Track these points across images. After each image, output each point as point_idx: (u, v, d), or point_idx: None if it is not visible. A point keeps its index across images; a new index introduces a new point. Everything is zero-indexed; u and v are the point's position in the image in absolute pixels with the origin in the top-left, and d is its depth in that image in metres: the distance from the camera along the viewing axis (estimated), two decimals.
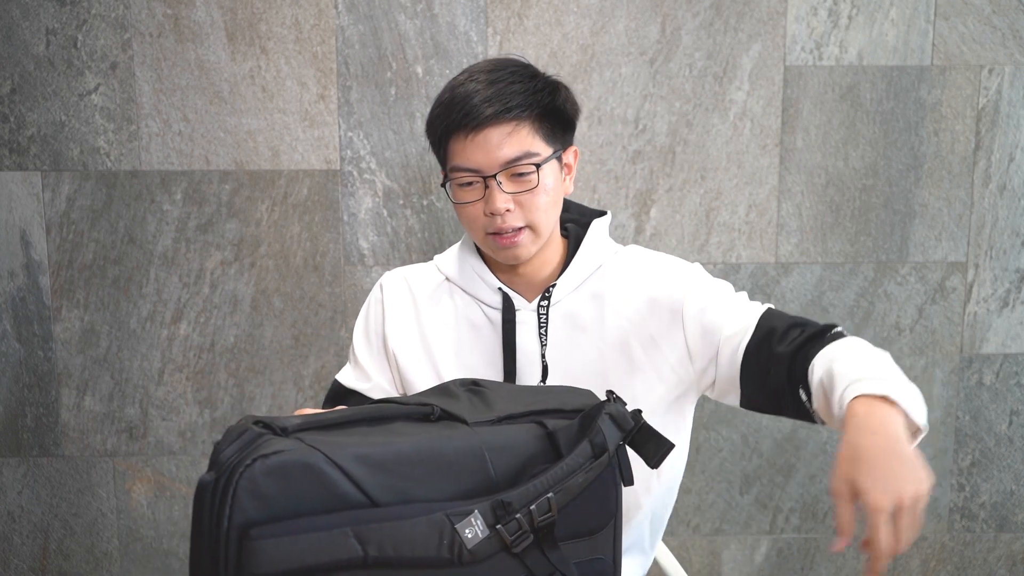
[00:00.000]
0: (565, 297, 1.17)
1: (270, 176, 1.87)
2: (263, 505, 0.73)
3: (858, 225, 1.91)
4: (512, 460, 0.83)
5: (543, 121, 1.10)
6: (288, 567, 0.73)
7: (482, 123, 1.06)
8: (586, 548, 0.87)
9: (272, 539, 0.73)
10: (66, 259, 1.89)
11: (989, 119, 1.88)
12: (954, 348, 1.96)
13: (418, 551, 0.77)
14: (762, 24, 1.83)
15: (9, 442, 1.95)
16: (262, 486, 0.73)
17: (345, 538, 0.74)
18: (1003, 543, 2.05)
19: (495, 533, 0.79)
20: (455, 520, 0.78)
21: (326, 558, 0.74)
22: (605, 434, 0.85)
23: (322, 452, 0.76)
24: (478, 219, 1.11)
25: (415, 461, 0.80)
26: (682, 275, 1.17)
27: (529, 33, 1.83)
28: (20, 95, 1.83)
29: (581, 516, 0.85)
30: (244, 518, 0.73)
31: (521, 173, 1.08)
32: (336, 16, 1.81)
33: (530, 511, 0.80)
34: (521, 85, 1.08)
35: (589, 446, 0.84)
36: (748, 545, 2.02)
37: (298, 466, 0.75)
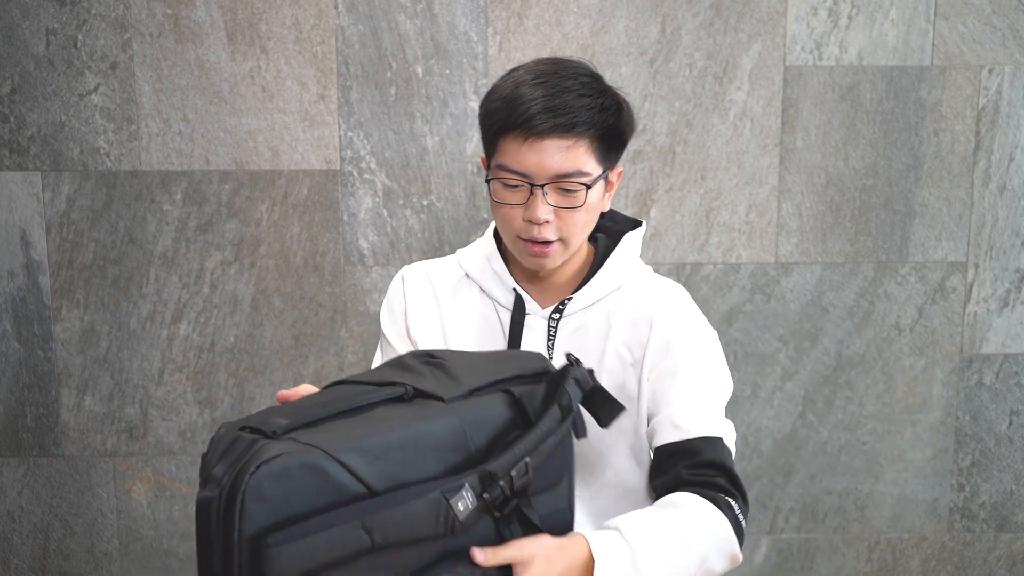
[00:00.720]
0: (578, 311, 1.17)
1: (270, 176, 1.87)
2: (270, 510, 0.74)
3: (858, 225, 1.91)
4: (488, 431, 0.87)
5: (601, 141, 1.07)
6: (306, 568, 0.74)
7: (543, 133, 1.03)
8: (548, 501, 0.92)
9: (289, 544, 0.73)
10: (66, 259, 1.89)
11: (989, 119, 1.88)
12: (954, 348, 1.96)
13: (418, 531, 0.80)
14: (762, 24, 1.83)
15: (9, 442, 1.95)
16: (268, 491, 0.73)
17: (355, 531, 0.76)
18: (1003, 543, 2.05)
19: (482, 502, 0.83)
20: (450, 496, 0.81)
21: (339, 553, 0.75)
22: (571, 396, 0.90)
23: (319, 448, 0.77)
24: (514, 221, 1.09)
25: (404, 445, 0.82)
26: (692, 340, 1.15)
27: (529, 33, 1.83)
28: (20, 95, 1.83)
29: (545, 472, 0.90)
30: (254, 527, 0.73)
31: (569, 189, 1.06)
32: (336, 16, 1.81)
33: (511, 477, 0.85)
34: (589, 100, 1.04)
35: (558, 409, 0.89)
36: (748, 545, 2.02)
37: (300, 466, 0.75)
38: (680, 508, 1.01)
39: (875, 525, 2.02)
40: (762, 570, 2.03)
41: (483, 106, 1.10)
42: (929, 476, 2.01)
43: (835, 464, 2.00)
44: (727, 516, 1.02)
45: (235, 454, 0.75)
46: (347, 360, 1.93)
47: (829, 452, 1.99)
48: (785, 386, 1.96)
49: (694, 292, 1.86)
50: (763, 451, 1.98)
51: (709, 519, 1.01)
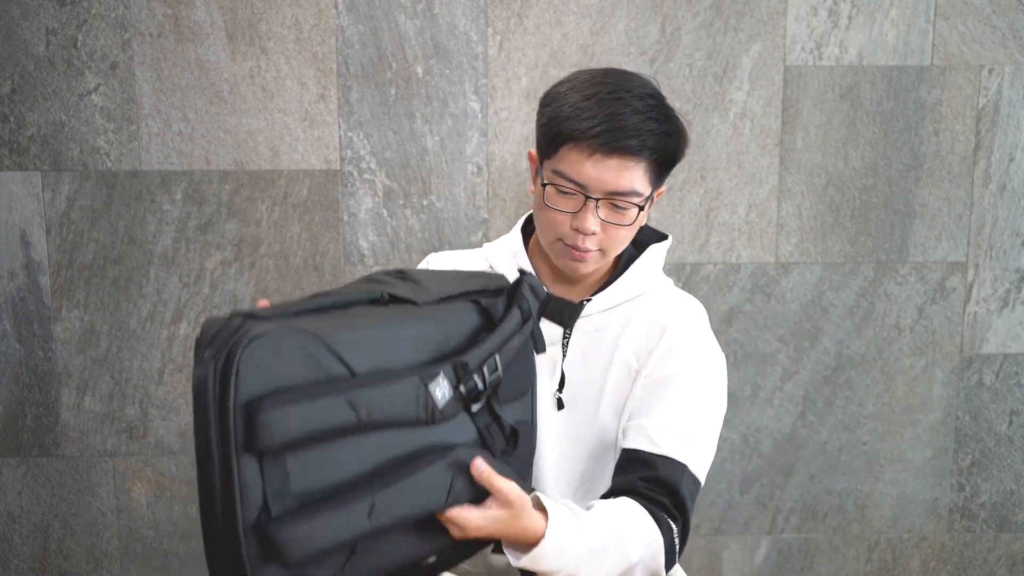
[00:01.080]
0: (596, 313, 1.18)
1: (270, 176, 1.87)
2: (263, 380, 0.78)
3: (858, 225, 1.91)
4: (459, 332, 0.94)
5: (657, 164, 1.10)
6: (294, 436, 0.78)
7: (616, 151, 1.06)
8: (516, 411, 1.00)
9: (279, 409, 0.77)
10: (66, 259, 1.89)
11: (989, 119, 1.88)
12: (954, 348, 1.96)
13: (401, 412, 0.85)
14: (762, 24, 1.83)
15: (9, 442, 1.95)
16: (260, 361, 0.78)
17: (341, 404, 0.81)
18: (1003, 543, 2.05)
19: (458, 393, 0.89)
20: (427, 381, 0.87)
21: (327, 424, 0.80)
22: (528, 301, 0.98)
23: (307, 330, 0.82)
24: (561, 226, 1.11)
25: (382, 336, 0.88)
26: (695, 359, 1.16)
27: (529, 33, 1.83)
28: (20, 95, 1.83)
29: (514, 380, 0.98)
30: (248, 394, 0.77)
31: (621, 207, 1.09)
32: (336, 16, 1.81)
33: (483, 371, 0.91)
34: (656, 125, 1.07)
35: (518, 312, 0.97)
36: (748, 545, 2.02)
37: (289, 341, 0.80)
38: (624, 513, 1.03)
39: (875, 525, 2.02)
40: (762, 570, 2.03)
41: (549, 107, 1.11)
42: (929, 476, 2.01)
43: (835, 464, 2.00)
44: (664, 536, 1.04)
45: (226, 334, 0.79)
46: None
47: (829, 452, 1.99)
48: (785, 386, 1.96)
49: (694, 292, 1.86)
50: (763, 451, 1.98)
51: (646, 533, 1.03)
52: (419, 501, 0.87)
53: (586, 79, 1.11)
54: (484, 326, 0.96)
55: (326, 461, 0.82)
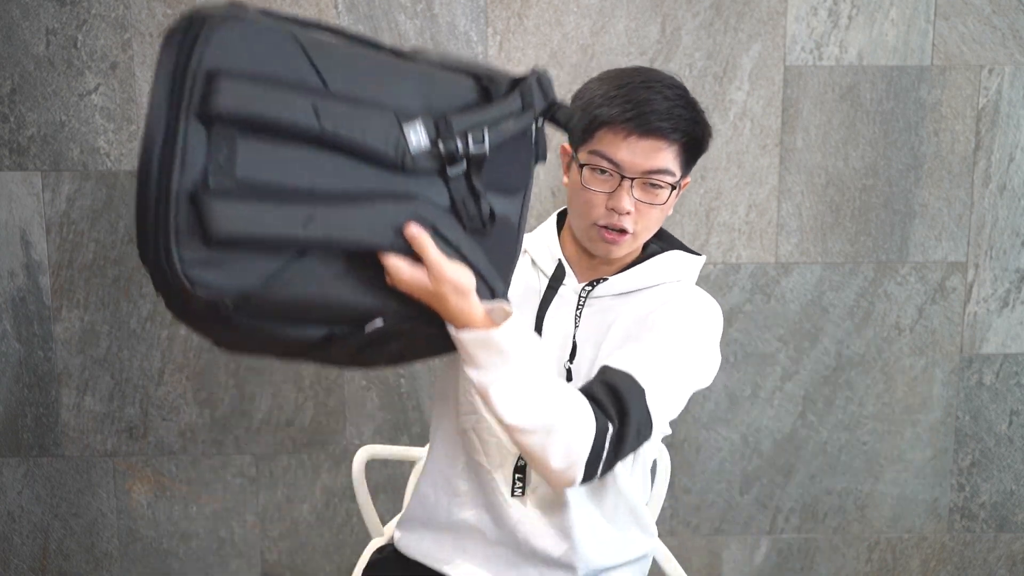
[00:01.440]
0: (609, 295, 1.22)
1: None
2: (230, 59, 0.75)
3: (858, 225, 1.91)
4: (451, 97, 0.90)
5: (686, 149, 1.18)
6: (250, 113, 0.75)
7: (649, 132, 1.13)
8: (501, 204, 0.95)
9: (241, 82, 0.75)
10: (66, 259, 1.89)
11: (989, 119, 1.88)
12: (954, 348, 1.96)
13: (368, 140, 0.81)
14: (762, 24, 1.83)
15: (9, 442, 1.96)
16: (232, 40, 0.75)
17: (305, 105, 0.77)
18: (1003, 543, 2.05)
19: (435, 147, 0.86)
20: (403, 120, 0.83)
21: (286, 117, 0.77)
22: (534, 93, 0.94)
23: (291, 32, 0.79)
24: (597, 207, 1.16)
25: (371, 69, 0.85)
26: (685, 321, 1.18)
27: (529, 33, 1.83)
28: (20, 95, 1.83)
29: (504, 170, 0.94)
30: (212, 64, 0.74)
31: (655, 184, 1.16)
32: (336, 16, 1.81)
33: (467, 137, 0.87)
34: (684, 111, 1.16)
35: (519, 96, 0.93)
36: (748, 545, 2.02)
37: (268, 33, 0.77)
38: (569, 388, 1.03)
39: (875, 525, 2.03)
40: (762, 570, 2.03)
41: (582, 99, 1.18)
42: (929, 476, 2.01)
43: (835, 464, 2.00)
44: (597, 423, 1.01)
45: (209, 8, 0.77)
46: None
47: (829, 452, 1.99)
48: (785, 386, 1.96)
49: None
50: (763, 451, 1.98)
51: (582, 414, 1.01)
52: (360, 233, 0.82)
53: (615, 74, 1.19)
54: (479, 101, 0.92)
55: (279, 160, 0.78)
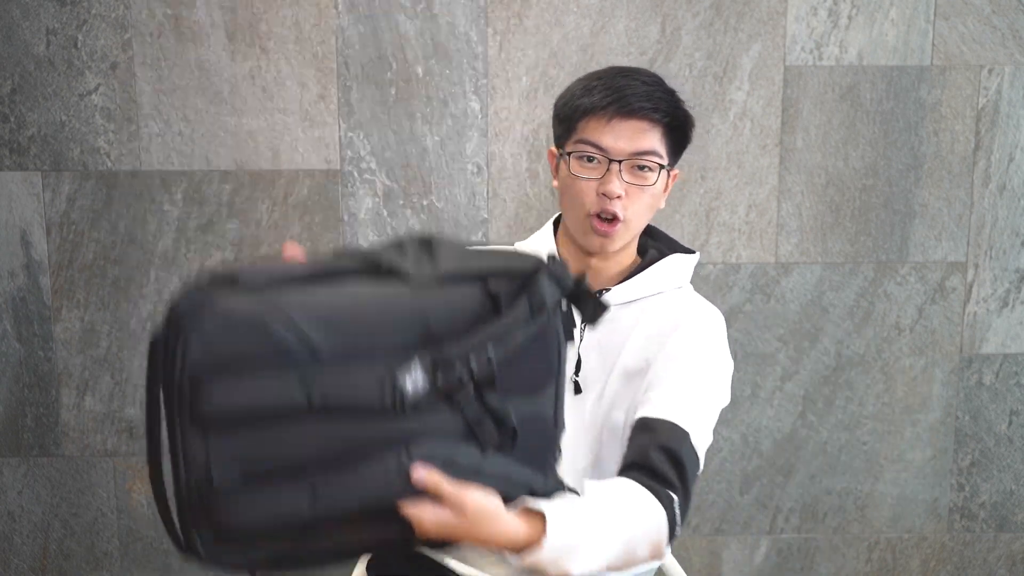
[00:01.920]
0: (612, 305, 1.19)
1: (270, 176, 1.87)
2: (213, 356, 0.76)
3: (858, 225, 1.91)
4: (453, 318, 0.85)
5: (671, 134, 1.18)
6: (237, 407, 0.77)
7: (631, 112, 1.14)
8: (527, 405, 0.89)
9: (225, 381, 0.76)
10: (66, 259, 1.89)
11: (989, 119, 1.88)
12: (954, 348, 1.96)
13: (360, 400, 0.80)
14: (762, 24, 1.83)
15: (9, 442, 1.95)
16: (212, 338, 0.76)
17: (289, 382, 0.78)
18: (1003, 543, 2.05)
19: (434, 384, 0.82)
20: (395, 368, 0.80)
21: (272, 400, 0.77)
22: (544, 292, 0.88)
23: (270, 307, 0.79)
24: (587, 196, 1.16)
25: (359, 317, 0.82)
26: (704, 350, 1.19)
27: (529, 33, 1.83)
28: (20, 95, 1.83)
29: (524, 373, 0.88)
30: (195, 369, 0.76)
31: (643, 166, 1.16)
32: (336, 16, 1.81)
33: (469, 364, 0.83)
34: (663, 95, 1.18)
35: (527, 303, 0.87)
36: (748, 545, 2.02)
37: (246, 320, 0.77)
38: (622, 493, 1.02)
39: (875, 525, 2.03)
40: (762, 570, 2.03)
41: (563, 98, 1.20)
42: (929, 476, 2.01)
43: (835, 464, 2.00)
44: (665, 509, 1.03)
45: (193, 300, 0.77)
46: None
47: (829, 452, 1.99)
48: (785, 386, 1.96)
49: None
50: (763, 451, 1.98)
51: (646, 508, 1.02)
52: (367, 491, 0.82)
53: (592, 73, 1.21)
54: (485, 313, 0.87)
55: (276, 442, 0.79)
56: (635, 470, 1.07)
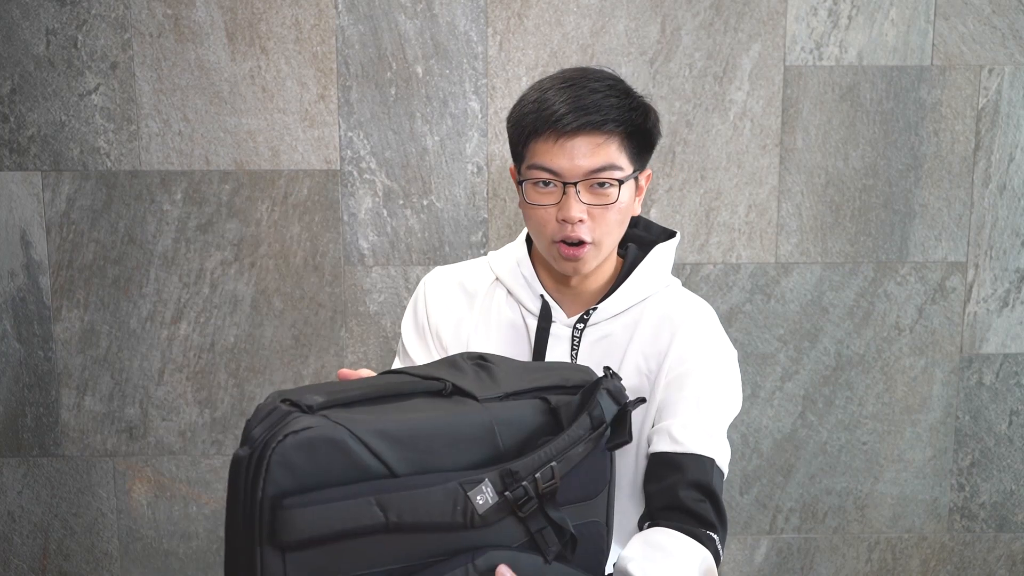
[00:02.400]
0: (603, 320, 1.17)
1: (270, 176, 1.87)
2: (293, 476, 0.79)
3: (858, 225, 1.91)
4: (518, 433, 0.90)
5: (631, 139, 1.08)
6: (317, 533, 0.79)
7: (575, 130, 1.05)
8: (583, 512, 0.94)
9: (303, 508, 0.78)
10: (66, 259, 1.89)
11: (989, 119, 1.88)
12: (954, 348, 1.96)
13: (434, 517, 0.83)
14: (762, 24, 1.83)
15: (9, 442, 1.95)
16: (292, 459, 0.79)
17: (368, 506, 0.80)
18: (1003, 543, 2.05)
19: (503, 499, 0.85)
20: (467, 488, 0.84)
21: (352, 524, 0.80)
22: (603, 408, 0.92)
23: (346, 427, 0.82)
24: (548, 224, 1.09)
25: (431, 435, 0.86)
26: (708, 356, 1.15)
27: (529, 33, 1.83)
28: (20, 95, 1.83)
29: (580, 483, 0.92)
30: (276, 489, 0.78)
31: (602, 183, 1.07)
32: (336, 16, 1.81)
33: (535, 479, 0.87)
34: (617, 100, 1.07)
35: (588, 419, 0.91)
36: (748, 545, 2.02)
37: (324, 440, 0.80)
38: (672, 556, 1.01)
39: (875, 525, 2.03)
40: (762, 570, 2.03)
41: (512, 116, 1.11)
42: (929, 476, 2.01)
43: (835, 464, 2.00)
44: (710, 551, 1.04)
45: (271, 421, 0.81)
46: (347, 360, 1.93)
47: (829, 452, 1.99)
48: (785, 386, 1.96)
49: (694, 292, 1.85)
50: (763, 451, 1.98)
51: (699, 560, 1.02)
52: None
53: (544, 81, 1.11)
54: (548, 427, 0.92)
55: (351, 555, 0.81)
56: (670, 514, 1.06)
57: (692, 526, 1.05)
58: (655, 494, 1.09)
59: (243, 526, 0.79)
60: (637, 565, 1.00)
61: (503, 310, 1.20)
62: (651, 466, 1.11)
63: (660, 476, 1.08)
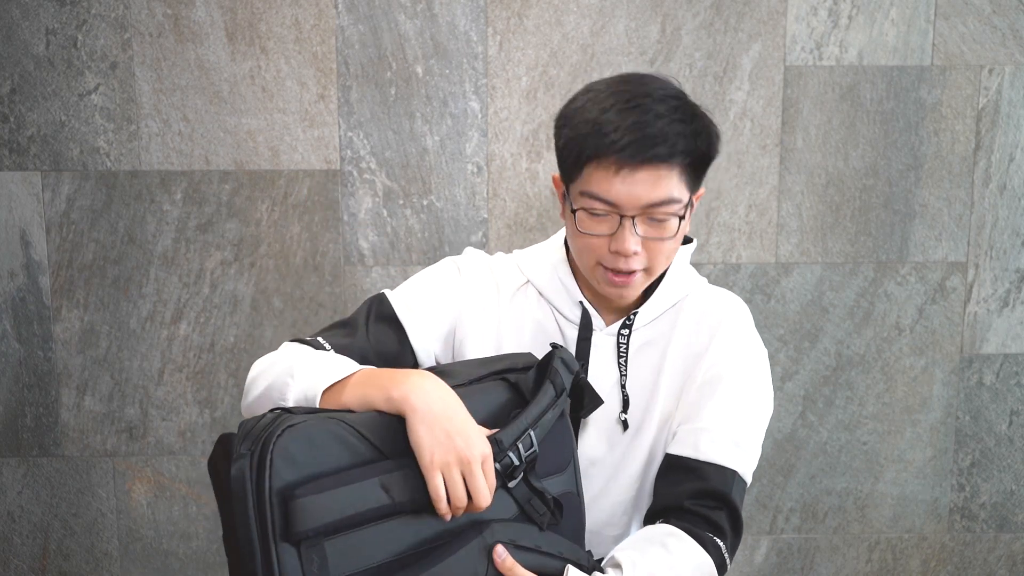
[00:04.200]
0: (643, 326, 1.13)
1: (270, 176, 1.87)
2: (296, 468, 0.82)
3: (858, 225, 1.91)
4: (489, 409, 0.96)
5: (692, 167, 1.02)
6: (330, 519, 0.82)
7: (645, 162, 0.97)
8: (557, 484, 0.99)
9: (315, 495, 0.81)
10: (66, 259, 1.89)
11: (989, 119, 1.88)
12: (954, 348, 1.96)
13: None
14: (762, 24, 1.83)
15: (9, 442, 1.95)
16: (292, 451, 0.82)
17: (374, 487, 0.84)
18: (1003, 543, 2.05)
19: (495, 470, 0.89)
20: None
21: (362, 507, 0.84)
22: (561, 375, 0.98)
23: (336, 419, 0.86)
24: (599, 251, 1.03)
25: None
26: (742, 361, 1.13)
27: (529, 33, 1.83)
28: (20, 95, 1.83)
29: (550, 454, 0.98)
30: (281, 482, 0.81)
31: (660, 219, 1.01)
32: (336, 16, 1.81)
33: (518, 447, 0.92)
34: (683, 126, 0.99)
35: (551, 386, 0.97)
36: (748, 545, 2.02)
37: (320, 431, 0.85)
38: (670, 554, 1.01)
39: (875, 525, 2.02)
40: (762, 570, 2.03)
41: (565, 126, 1.03)
42: (929, 476, 2.01)
43: (835, 464, 2.00)
44: (713, 557, 1.03)
45: (260, 427, 0.83)
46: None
47: (829, 452, 1.99)
48: (785, 386, 1.96)
49: None
50: (763, 451, 1.98)
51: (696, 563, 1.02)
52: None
53: (601, 89, 1.03)
54: (515, 402, 0.97)
55: (363, 544, 0.84)
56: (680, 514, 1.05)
57: (700, 528, 1.04)
58: (666, 493, 1.08)
59: (258, 529, 0.81)
60: (626, 553, 1.00)
61: (535, 314, 1.15)
62: (667, 465, 1.09)
63: (675, 479, 1.07)
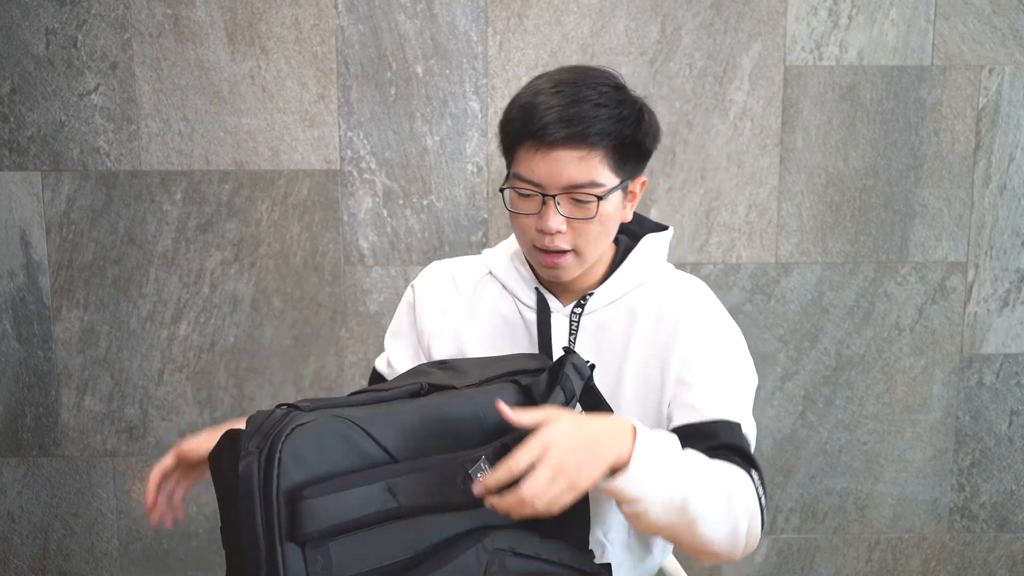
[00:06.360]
0: (600, 308, 1.16)
1: (270, 176, 1.87)
2: (305, 468, 0.81)
3: (858, 225, 1.91)
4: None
5: (618, 151, 1.05)
6: (337, 521, 0.81)
7: (555, 143, 1.02)
8: None
9: (321, 497, 0.80)
10: (66, 259, 1.89)
11: (989, 119, 1.88)
12: (954, 348, 1.96)
13: (440, 496, 0.88)
14: (762, 24, 1.83)
15: (9, 442, 1.95)
16: (302, 451, 0.81)
17: (381, 491, 0.84)
18: (1003, 543, 2.05)
19: None
20: (468, 465, 0.88)
21: (368, 510, 0.83)
22: (572, 380, 0.98)
23: (346, 419, 0.85)
24: (528, 231, 1.08)
25: (422, 424, 0.90)
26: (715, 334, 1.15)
27: (529, 33, 1.83)
28: (20, 95, 1.83)
29: None
30: (290, 482, 0.80)
31: (581, 200, 1.04)
32: (336, 16, 1.81)
33: None
34: (606, 110, 1.02)
35: (561, 392, 0.97)
36: None
37: (330, 431, 0.83)
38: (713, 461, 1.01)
39: (875, 525, 2.02)
40: (762, 570, 2.03)
41: (502, 117, 1.09)
42: (929, 476, 2.01)
43: (835, 464, 2.00)
44: (750, 478, 1.04)
45: (269, 424, 0.82)
46: (347, 360, 1.93)
47: (829, 452, 1.99)
48: (785, 386, 1.96)
49: None
50: (763, 451, 1.98)
51: (740, 477, 1.02)
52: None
53: (541, 79, 1.08)
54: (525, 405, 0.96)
55: (368, 546, 0.83)
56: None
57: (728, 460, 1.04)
58: None
59: (263, 528, 0.80)
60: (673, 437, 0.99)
61: (497, 304, 1.19)
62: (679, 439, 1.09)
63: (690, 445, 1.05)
